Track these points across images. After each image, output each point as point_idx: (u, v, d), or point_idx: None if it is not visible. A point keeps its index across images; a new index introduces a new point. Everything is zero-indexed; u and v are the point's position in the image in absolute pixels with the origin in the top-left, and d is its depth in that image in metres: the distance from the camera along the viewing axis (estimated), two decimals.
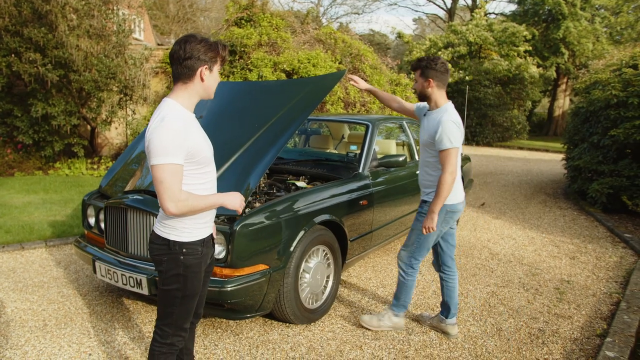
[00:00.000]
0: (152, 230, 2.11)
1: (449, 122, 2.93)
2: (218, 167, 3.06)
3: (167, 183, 1.87)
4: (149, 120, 8.71)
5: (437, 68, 3.02)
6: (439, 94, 3.06)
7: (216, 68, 2.07)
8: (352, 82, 3.52)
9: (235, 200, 2.10)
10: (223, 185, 2.87)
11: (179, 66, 1.99)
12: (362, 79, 10.15)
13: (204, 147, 2.04)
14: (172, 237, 2.02)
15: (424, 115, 3.18)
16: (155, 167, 1.87)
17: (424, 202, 3.17)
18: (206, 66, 2.01)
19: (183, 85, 2.01)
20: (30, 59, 8.13)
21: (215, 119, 3.78)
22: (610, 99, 7.13)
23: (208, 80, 2.04)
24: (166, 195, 1.88)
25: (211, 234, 2.21)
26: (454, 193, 3.09)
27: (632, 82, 7.01)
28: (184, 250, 2.02)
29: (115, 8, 9.57)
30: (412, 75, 16.78)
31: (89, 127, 10.10)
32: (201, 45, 1.99)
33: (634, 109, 6.73)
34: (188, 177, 1.99)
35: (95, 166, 9.65)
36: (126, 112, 10.06)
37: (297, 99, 3.63)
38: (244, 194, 2.89)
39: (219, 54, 2.05)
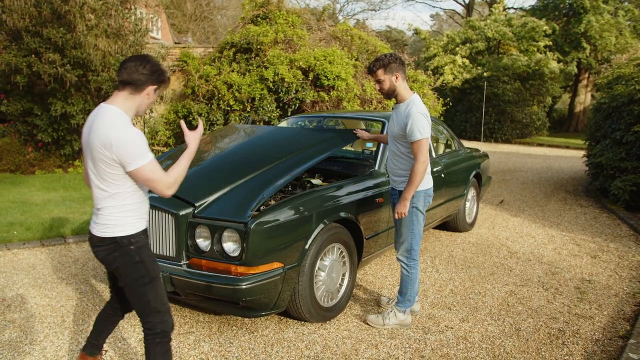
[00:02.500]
0: (93, 235, 2.21)
1: (417, 115, 3.03)
2: (235, 181, 3.26)
3: (157, 177, 2.09)
4: (165, 118, 8.69)
5: (398, 61, 3.11)
6: (403, 86, 3.16)
7: (158, 92, 2.26)
8: (358, 134, 3.80)
9: (193, 140, 2.27)
10: (234, 196, 3.13)
11: (134, 75, 2.12)
12: None
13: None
14: (117, 234, 2.16)
15: (392, 109, 3.33)
16: (141, 168, 2.06)
17: (399, 192, 3.25)
18: (155, 87, 2.19)
19: (129, 95, 2.16)
20: (50, 59, 8.24)
21: (242, 147, 4.08)
22: (634, 94, 6.96)
23: (151, 98, 2.22)
24: (161, 186, 2.10)
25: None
26: (427, 179, 3.24)
27: None
28: (132, 240, 2.18)
29: (132, 7, 9.66)
30: (429, 72, 16.62)
31: None
32: (158, 67, 2.18)
33: None
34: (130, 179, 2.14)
35: None
36: None
37: (318, 142, 3.86)
38: (254, 205, 2.96)
39: (164, 82, 2.24)
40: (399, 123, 3.14)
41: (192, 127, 9.20)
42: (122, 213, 2.15)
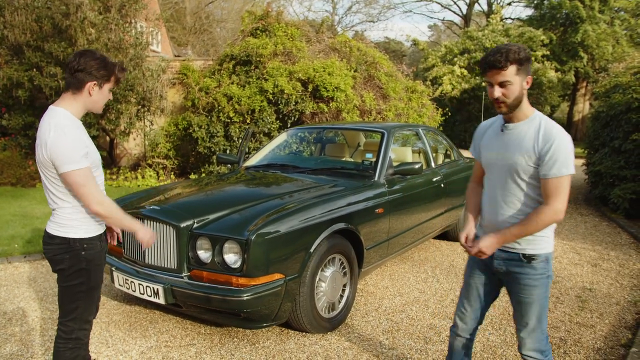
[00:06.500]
0: (46, 231, 2.19)
1: (564, 139, 2.00)
2: (235, 207, 3.27)
3: (88, 186, 2.04)
4: (166, 131, 8.70)
5: (530, 59, 2.08)
6: (525, 97, 2.13)
7: (107, 86, 2.17)
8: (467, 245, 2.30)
9: (146, 235, 2.25)
10: (233, 218, 3.12)
11: (70, 76, 2.09)
12: (377, 86, 10.13)
13: (95, 151, 2.19)
14: (71, 235, 2.13)
15: (502, 131, 2.17)
16: (71, 173, 2.01)
17: (524, 257, 2.11)
18: (95, 82, 2.11)
19: (72, 96, 2.12)
20: (51, 72, 8.31)
21: (244, 183, 4.17)
22: (632, 103, 6.99)
23: (95, 96, 2.14)
24: (92, 197, 2.05)
25: (105, 231, 2.31)
26: (552, 235, 2.17)
27: None
28: (85, 245, 2.15)
29: (132, 21, 9.75)
30: (428, 82, 16.65)
31: (107, 138, 10.26)
32: (95, 62, 2.10)
33: None
34: None
35: (114, 177, 9.78)
36: (144, 123, 10.20)
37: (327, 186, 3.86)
38: (249, 228, 2.92)
39: (114, 73, 2.16)
40: (524, 148, 2.07)
41: (192, 138, 9.24)
42: (76, 214, 2.12)
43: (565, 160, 1.98)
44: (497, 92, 2.05)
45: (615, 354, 3.15)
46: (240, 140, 8.88)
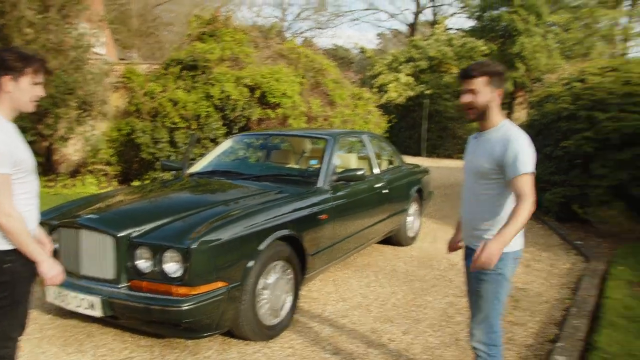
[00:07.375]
0: None
1: (522, 139, 2.25)
2: (176, 215, 3.22)
3: (1, 193, 1.91)
4: (108, 136, 8.39)
5: (504, 75, 2.35)
6: (497, 108, 2.36)
7: (25, 80, 2.05)
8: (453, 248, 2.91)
9: (50, 270, 2.08)
10: (174, 226, 3.08)
11: None
12: (324, 93, 10.24)
13: (27, 156, 2.08)
14: None
15: (474, 138, 2.50)
16: None
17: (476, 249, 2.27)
18: (10, 76, 2.01)
19: None
20: None
21: (186, 191, 4.20)
22: (561, 112, 7.43)
23: (15, 91, 2.03)
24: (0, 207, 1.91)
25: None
26: (520, 237, 2.39)
27: (581, 95, 7.32)
28: (7, 258, 2.01)
29: (74, 22, 9.39)
30: (374, 89, 16.96)
31: (45, 143, 9.80)
32: (7, 54, 2.02)
33: (582, 121, 7.03)
34: (13, 185, 2.01)
35: (51, 183, 9.35)
36: (85, 128, 9.82)
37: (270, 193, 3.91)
38: (190, 236, 2.89)
39: (30, 65, 2.06)
40: (491, 154, 2.31)
41: (135, 144, 9.00)
42: None
43: (524, 161, 2.21)
44: (465, 97, 2.34)
45: (544, 349, 3.35)
46: (185, 147, 8.73)
